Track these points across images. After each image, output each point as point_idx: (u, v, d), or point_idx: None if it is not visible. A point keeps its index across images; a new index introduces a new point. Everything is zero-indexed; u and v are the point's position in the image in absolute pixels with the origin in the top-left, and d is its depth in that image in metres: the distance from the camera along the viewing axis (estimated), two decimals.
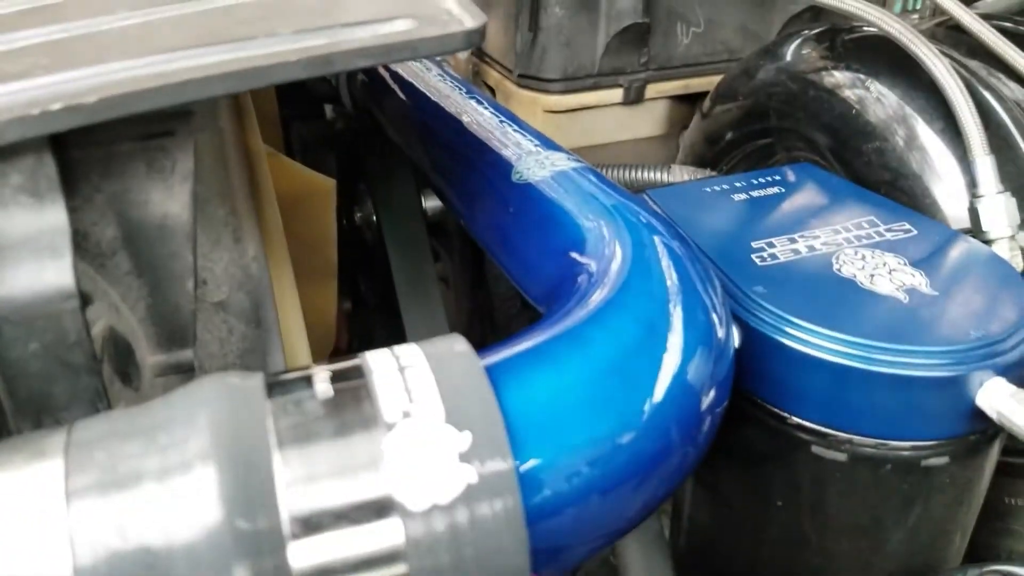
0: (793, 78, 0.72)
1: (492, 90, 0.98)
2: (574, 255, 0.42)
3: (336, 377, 0.28)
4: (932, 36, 0.79)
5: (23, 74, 0.34)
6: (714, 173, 0.78)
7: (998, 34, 0.68)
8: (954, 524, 0.49)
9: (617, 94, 0.92)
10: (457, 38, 0.35)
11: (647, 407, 0.32)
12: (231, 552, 0.24)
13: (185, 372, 0.42)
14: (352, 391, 0.27)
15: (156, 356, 0.40)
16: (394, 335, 0.94)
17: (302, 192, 0.61)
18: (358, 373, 0.28)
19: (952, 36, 0.76)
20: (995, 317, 0.45)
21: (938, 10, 0.95)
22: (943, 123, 0.60)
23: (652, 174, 0.79)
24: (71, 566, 0.23)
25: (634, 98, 0.92)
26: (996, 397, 0.42)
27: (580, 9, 0.86)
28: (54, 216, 0.31)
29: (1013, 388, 0.42)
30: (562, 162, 0.51)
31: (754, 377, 0.47)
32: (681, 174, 0.78)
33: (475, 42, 0.35)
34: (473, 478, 0.26)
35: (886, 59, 0.66)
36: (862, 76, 0.67)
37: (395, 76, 0.74)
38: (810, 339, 0.44)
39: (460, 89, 0.67)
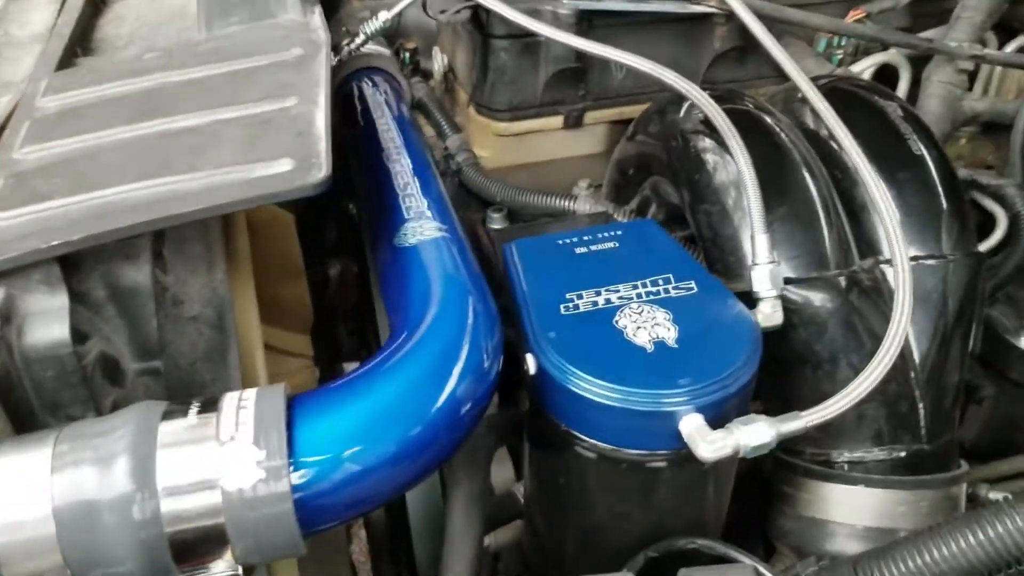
0: (675, 135, 0.88)
1: (461, 107, 1.16)
2: (407, 310, 0.63)
3: (202, 408, 0.50)
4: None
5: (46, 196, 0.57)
6: (612, 207, 0.95)
7: (819, 96, 0.81)
8: (691, 515, 0.69)
9: (558, 121, 1.09)
10: (305, 189, 0.55)
11: (413, 431, 0.54)
12: (130, 504, 0.47)
13: (155, 374, 0.64)
14: (207, 420, 0.49)
15: (135, 364, 0.63)
16: None
17: (268, 219, 0.84)
18: (215, 407, 0.50)
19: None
20: (711, 368, 0.63)
21: (859, 50, 1.08)
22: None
23: (561, 202, 0.97)
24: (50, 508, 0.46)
25: (573, 124, 1.09)
26: (687, 427, 0.61)
27: (523, 54, 1.02)
28: (59, 300, 0.54)
29: (701, 422, 0.61)
30: (430, 232, 0.70)
31: (544, 395, 0.67)
32: (584, 204, 0.96)
33: (320, 189, 0.55)
34: (263, 474, 0.48)
35: (746, 134, 0.80)
36: (721, 144, 0.82)
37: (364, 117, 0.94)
38: (572, 378, 0.63)
39: (401, 142, 0.86)
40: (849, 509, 0.75)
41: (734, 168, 0.79)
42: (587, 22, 0.99)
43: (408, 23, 1.26)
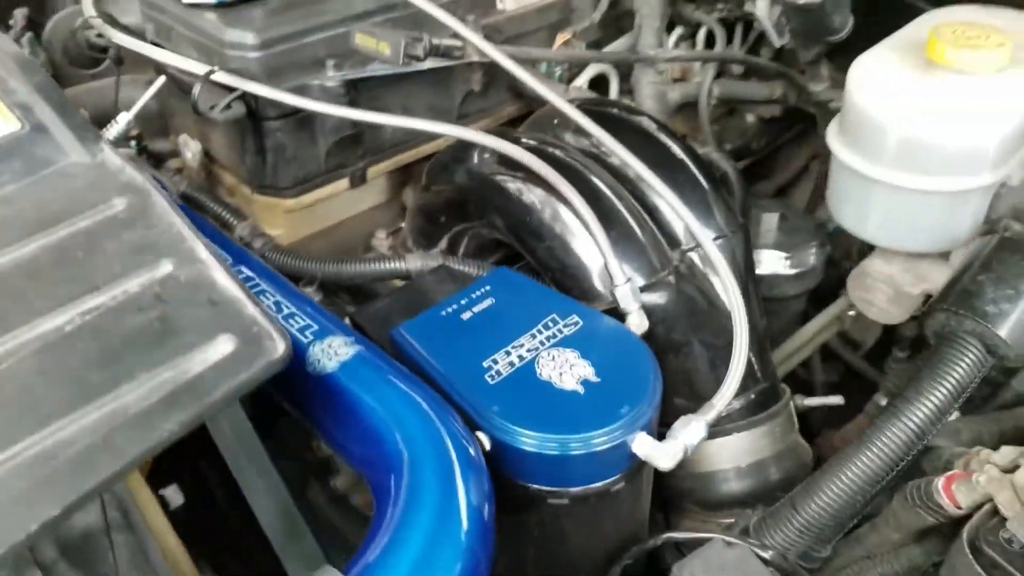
0: (480, 180, 0.94)
1: (229, 191, 1.10)
2: (373, 446, 0.63)
3: None
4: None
5: None
6: (438, 254, 0.99)
7: (592, 123, 0.93)
8: (639, 515, 0.79)
9: (344, 183, 1.09)
10: (273, 365, 0.52)
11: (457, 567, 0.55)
12: None
13: None
14: None
15: None
16: None
17: None
18: None
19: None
20: (635, 389, 0.73)
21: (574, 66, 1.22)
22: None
23: (390, 264, 0.98)
24: None
25: (358, 183, 1.10)
26: (642, 446, 0.70)
27: (299, 129, 1.00)
28: None
29: (650, 439, 0.70)
30: (343, 350, 0.69)
31: (506, 465, 0.71)
32: (416, 262, 0.98)
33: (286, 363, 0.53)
34: None
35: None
36: (533, 182, 0.90)
37: None
38: (532, 442, 0.69)
39: (230, 257, 0.81)
40: (729, 455, 0.91)
41: (555, 203, 0.89)
42: (355, 88, 1.00)
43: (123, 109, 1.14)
